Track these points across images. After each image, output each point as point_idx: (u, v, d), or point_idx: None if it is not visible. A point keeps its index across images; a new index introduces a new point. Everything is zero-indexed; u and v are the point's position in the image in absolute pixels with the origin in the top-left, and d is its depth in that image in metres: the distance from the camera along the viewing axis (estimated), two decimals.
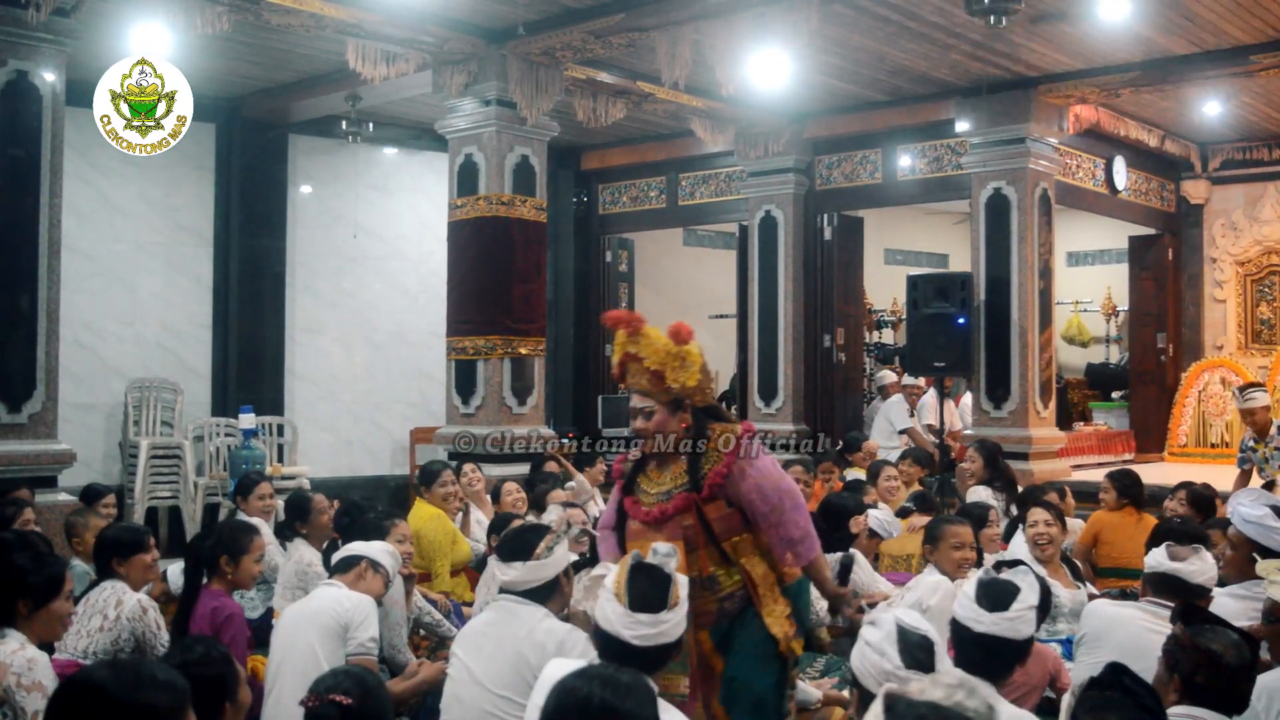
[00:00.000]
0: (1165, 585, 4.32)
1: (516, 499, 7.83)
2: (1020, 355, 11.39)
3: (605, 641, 3.29)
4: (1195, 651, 3.25)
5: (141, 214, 11.98)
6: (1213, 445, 13.23)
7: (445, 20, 9.56)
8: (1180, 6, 9.21)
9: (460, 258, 10.54)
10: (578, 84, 10.83)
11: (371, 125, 12.04)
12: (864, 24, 9.53)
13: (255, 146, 12.43)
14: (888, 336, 16.31)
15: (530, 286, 10.53)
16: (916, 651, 2.90)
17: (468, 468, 8.43)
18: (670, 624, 3.27)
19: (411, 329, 13.56)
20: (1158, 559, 4.37)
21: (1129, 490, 7.47)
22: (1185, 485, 7.43)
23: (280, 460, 12.02)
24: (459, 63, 10.08)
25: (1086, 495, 8.92)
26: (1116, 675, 2.77)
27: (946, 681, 2.25)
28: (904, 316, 12.88)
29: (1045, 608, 3.80)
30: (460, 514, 7.73)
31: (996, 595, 3.38)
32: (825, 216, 13.16)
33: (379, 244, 13.54)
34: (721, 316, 15.49)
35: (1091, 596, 6.00)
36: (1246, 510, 4.96)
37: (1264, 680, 3.66)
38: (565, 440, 12.40)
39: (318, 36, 9.50)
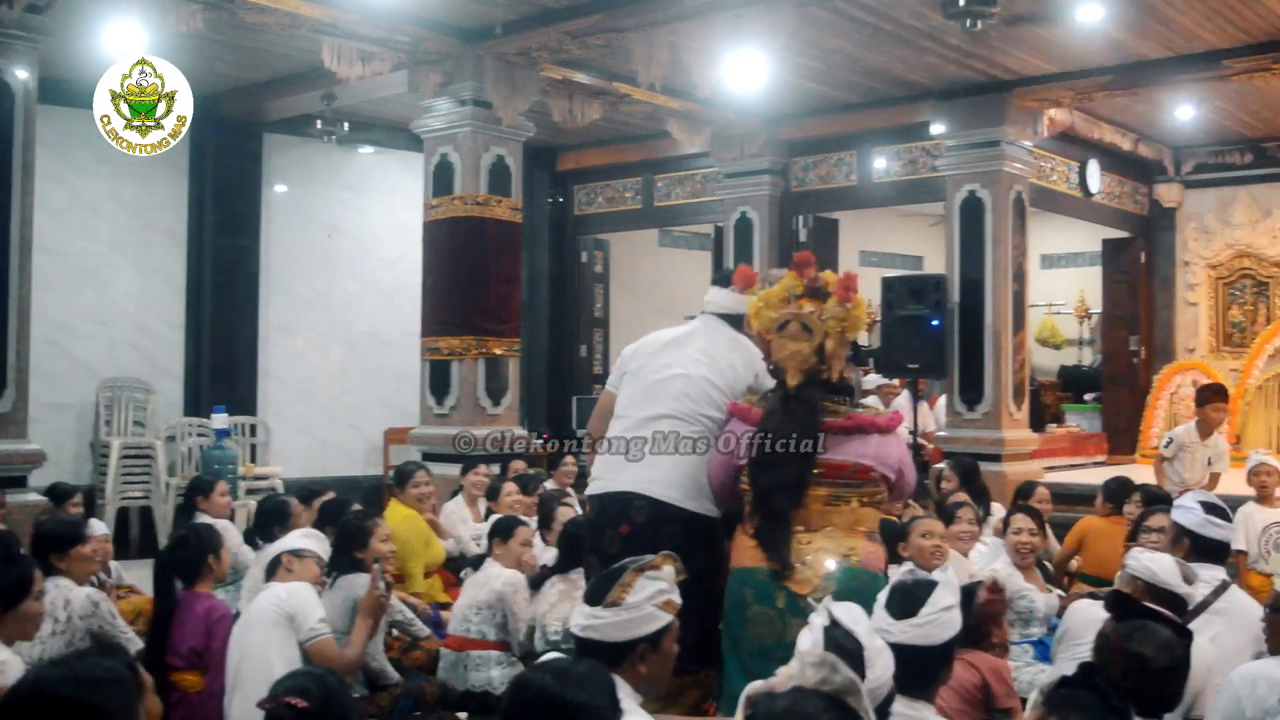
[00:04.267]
0: (1160, 598, 4.33)
1: (515, 501, 7.79)
2: (994, 357, 11.42)
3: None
4: (1124, 655, 3.18)
5: (114, 213, 11.91)
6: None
7: (421, 20, 9.53)
8: (1154, 11, 9.25)
9: (435, 258, 10.51)
10: (554, 84, 10.81)
11: (347, 125, 12.00)
12: (840, 26, 9.54)
13: (230, 145, 12.37)
14: (862, 338, 16.36)
15: (505, 287, 10.51)
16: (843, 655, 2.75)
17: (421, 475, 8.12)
18: (605, 622, 3.12)
19: (386, 329, 13.52)
20: (1170, 575, 4.32)
21: (1119, 498, 7.33)
22: (1141, 488, 7.41)
23: (253, 461, 11.98)
24: (435, 62, 10.05)
25: (1058, 497, 8.94)
26: (1088, 675, 2.73)
27: (809, 661, 2.23)
28: (878, 318, 12.91)
29: (966, 606, 3.77)
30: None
31: (906, 600, 3.20)
32: (800, 218, 13.18)
33: (354, 244, 13.50)
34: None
35: (1061, 600, 6.03)
36: (1185, 499, 5.20)
37: (1247, 669, 3.68)
38: (539, 441, 12.40)
39: (293, 35, 9.45)
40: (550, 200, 14.99)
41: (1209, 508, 5.02)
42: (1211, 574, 4.79)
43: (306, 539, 5.13)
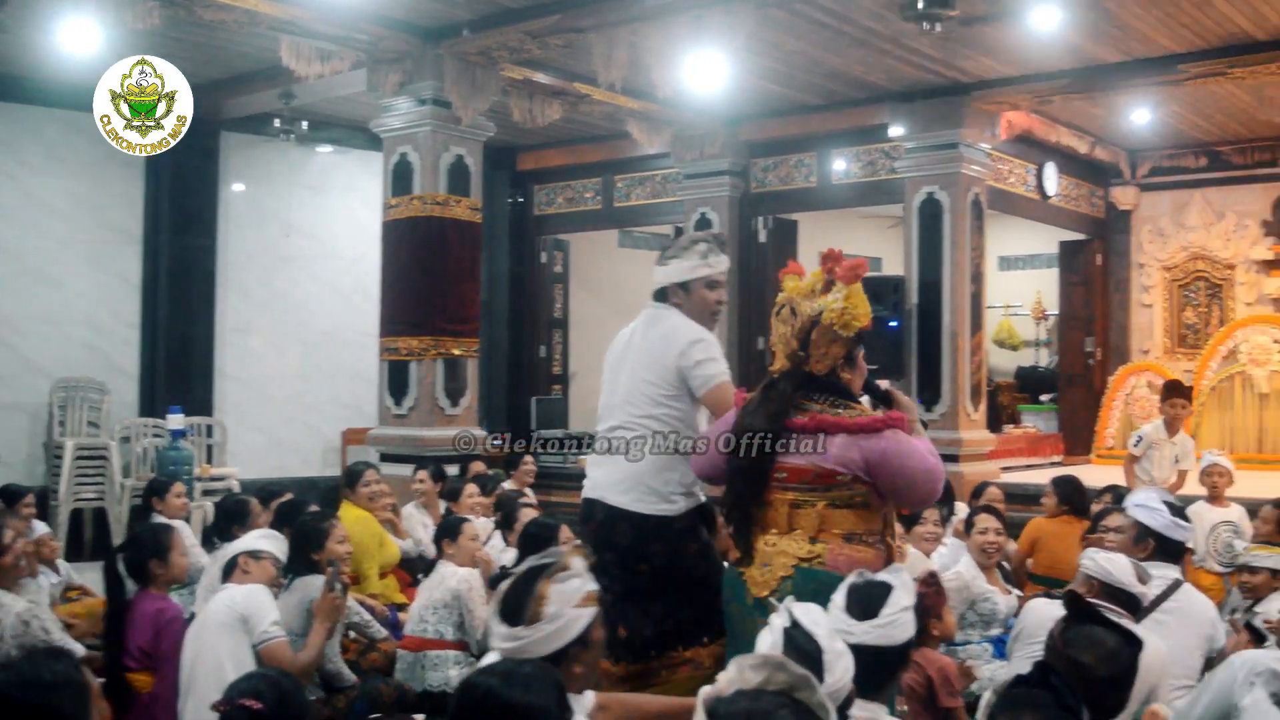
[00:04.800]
0: (1115, 597, 4.36)
1: (475, 503, 7.76)
2: (951, 358, 11.48)
3: None
4: (1067, 661, 3.17)
5: (68, 211, 11.79)
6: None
7: (380, 18, 9.48)
8: (1111, 16, 9.32)
9: (394, 258, 10.47)
10: (514, 84, 10.79)
11: (306, 123, 11.93)
12: (800, 28, 9.57)
13: (186, 143, 12.08)
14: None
15: (464, 287, 10.48)
16: (802, 657, 2.72)
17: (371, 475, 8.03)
18: (530, 640, 3.03)
19: (344, 329, 13.45)
20: (1125, 575, 4.37)
21: (1070, 498, 7.38)
22: (1111, 488, 7.50)
23: (209, 461, 11.88)
24: (394, 61, 10.01)
25: (1015, 497, 9.00)
26: (1043, 673, 2.73)
27: (747, 665, 2.23)
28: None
29: (921, 610, 3.77)
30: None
31: (865, 602, 3.18)
32: (760, 219, 13.21)
33: (312, 243, 13.42)
34: None
35: (1021, 600, 6.07)
36: (1138, 496, 5.29)
37: (1244, 657, 3.72)
38: (498, 442, 12.35)
39: (251, 33, 9.39)
40: (510, 200, 14.96)
41: (1173, 509, 5.09)
42: (1165, 572, 4.86)
43: (263, 540, 5.09)
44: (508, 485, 8.71)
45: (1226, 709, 3.71)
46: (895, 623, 3.15)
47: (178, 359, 12.24)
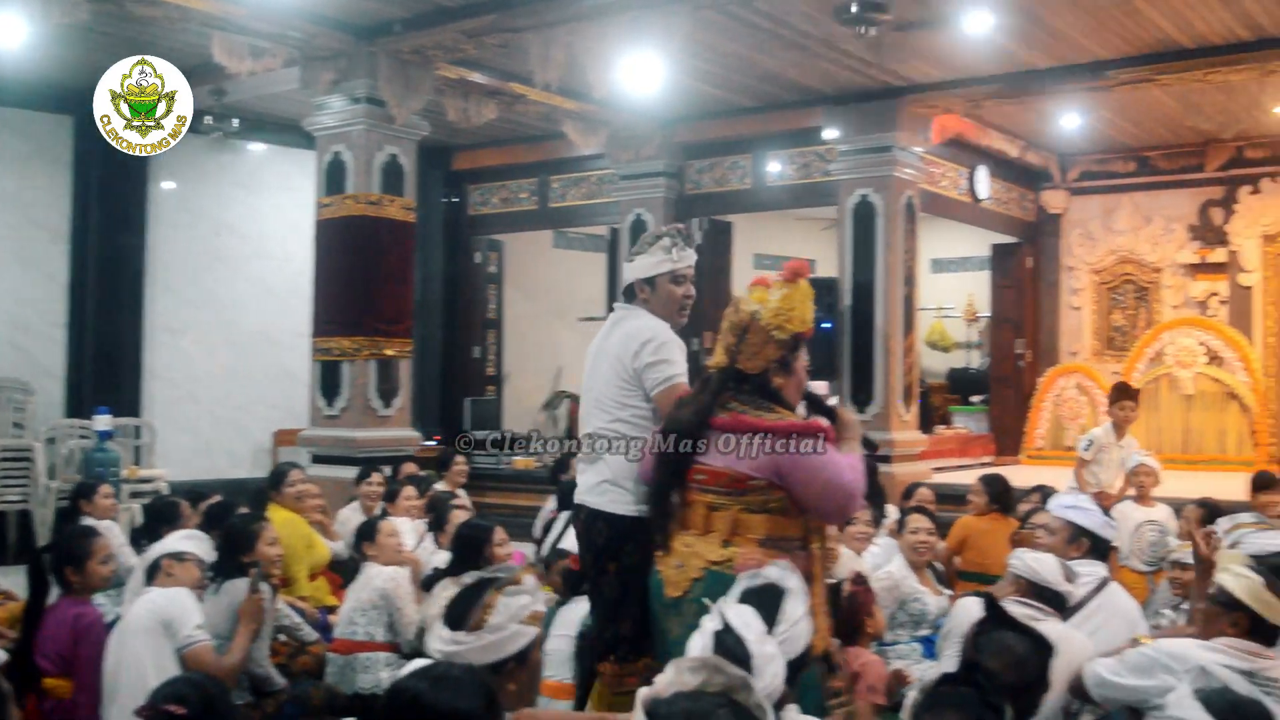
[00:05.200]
0: (1042, 596, 4.42)
1: (412, 505, 7.71)
2: (884, 359, 11.56)
3: None
4: (975, 667, 3.20)
5: None
6: (1068, 448, 13.52)
7: (314, 16, 9.40)
8: (1041, 21, 9.43)
9: (327, 257, 10.39)
10: (449, 83, 10.73)
11: (237, 121, 11.82)
12: (735, 31, 9.59)
13: None
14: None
15: (398, 287, 10.42)
16: (733, 653, 2.72)
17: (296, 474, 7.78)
18: (470, 647, 3.05)
19: (276, 329, 13.31)
20: (1052, 574, 4.43)
21: (1000, 497, 7.51)
22: (1039, 488, 7.59)
23: (137, 463, 11.71)
24: (327, 59, 9.93)
25: (946, 498, 9.08)
26: (969, 671, 2.74)
27: (686, 667, 2.23)
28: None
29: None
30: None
31: (761, 610, 3.10)
32: (695, 221, 13.22)
33: (243, 243, 13.28)
34: (591, 319, 15.46)
35: (951, 600, 6.12)
36: (1065, 499, 5.38)
37: (1170, 648, 3.81)
38: (431, 443, 12.30)
39: (182, 29, 9.27)
40: (444, 200, 14.88)
41: (1104, 510, 5.18)
42: (1093, 570, 4.93)
43: (187, 540, 5.02)
44: (440, 487, 8.65)
45: (1145, 693, 3.82)
46: (791, 638, 3.08)
47: (105, 359, 12.08)
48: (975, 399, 15.81)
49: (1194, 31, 9.60)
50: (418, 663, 2.81)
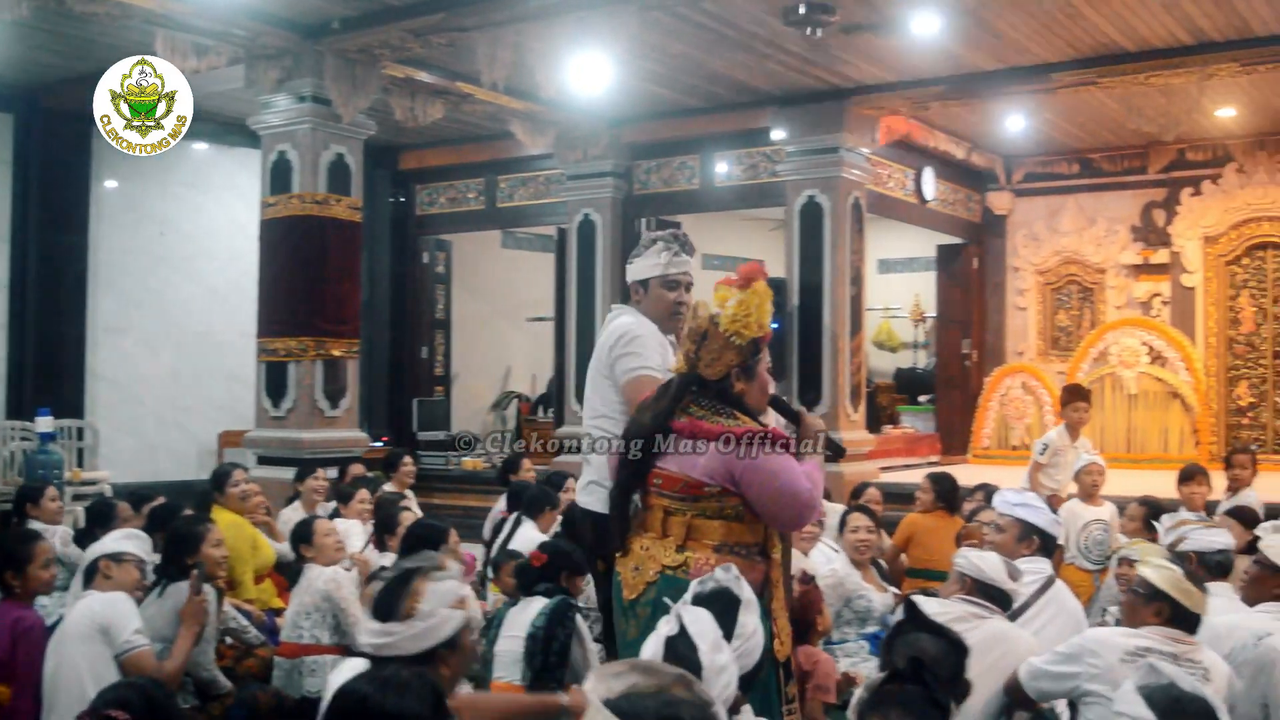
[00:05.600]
0: (987, 594, 4.46)
1: (366, 508, 7.65)
2: (832, 360, 11.62)
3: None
4: (920, 665, 3.22)
5: None
6: (1014, 447, 13.69)
7: (259, 14, 9.33)
8: (987, 24, 9.50)
9: (272, 257, 10.31)
10: (395, 82, 10.67)
11: None
12: (682, 31, 9.60)
13: (56, 139, 11.95)
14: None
15: (344, 287, 10.36)
16: (684, 661, 2.68)
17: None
18: (402, 636, 3.03)
19: (221, 330, 13.19)
20: (997, 573, 4.47)
21: (946, 495, 7.60)
22: (983, 486, 7.64)
23: (80, 465, 11.57)
24: (273, 58, 9.85)
25: (894, 497, 9.13)
26: (915, 669, 2.74)
27: (611, 672, 2.22)
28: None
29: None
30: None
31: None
32: (643, 221, 13.22)
33: (188, 242, 13.16)
34: (539, 319, 15.46)
35: (897, 598, 6.16)
36: (1013, 496, 5.39)
37: (1108, 640, 3.95)
38: (379, 443, 12.23)
39: (124, 26, 9.16)
40: (391, 200, 14.80)
41: (1050, 508, 5.25)
42: (1039, 567, 4.98)
43: (125, 540, 4.93)
44: (388, 488, 8.61)
45: (1074, 679, 3.90)
46: (747, 650, 3.03)
47: (47, 360, 11.93)
48: (922, 399, 15.91)
49: (1136, 35, 9.71)
50: (353, 663, 2.78)
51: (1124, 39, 9.81)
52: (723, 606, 3.04)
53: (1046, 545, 5.16)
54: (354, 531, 7.29)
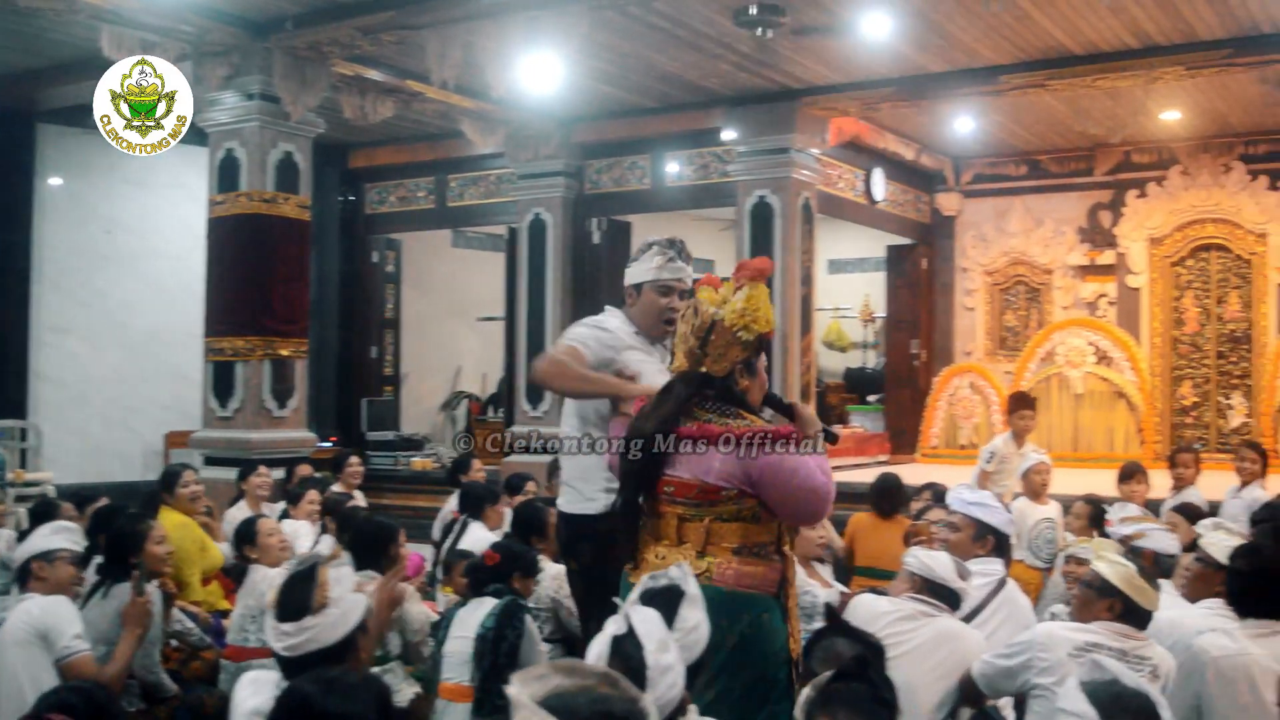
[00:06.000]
0: (936, 593, 4.49)
1: (315, 509, 7.60)
2: (782, 359, 11.65)
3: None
4: (866, 663, 3.23)
5: None
6: (962, 447, 13.78)
7: (206, 10, 9.24)
8: (936, 26, 9.56)
9: (220, 256, 10.22)
10: (345, 80, 10.61)
11: None
12: (634, 31, 9.60)
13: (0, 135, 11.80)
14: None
15: (292, 286, 10.28)
16: (627, 667, 2.65)
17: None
18: (321, 626, 3.09)
19: (167, 329, 13.05)
20: (946, 572, 4.51)
21: (892, 494, 7.58)
22: (931, 485, 7.68)
23: (23, 466, 11.43)
24: (220, 55, 9.76)
25: (842, 496, 9.12)
26: (861, 667, 2.74)
27: (534, 675, 2.22)
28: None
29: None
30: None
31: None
32: (594, 220, 13.22)
33: (135, 240, 13.01)
34: (490, 319, 15.41)
35: (845, 595, 6.18)
36: (968, 495, 5.40)
37: (1056, 634, 4.00)
38: (328, 444, 12.15)
39: (70, 21, 9.07)
40: (340, 198, 14.71)
41: (1006, 508, 5.30)
42: (992, 568, 5.01)
43: (54, 536, 4.80)
44: (336, 488, 8.55)
45: (1024, 672, 3.93)
46: (687, 645, 2.96)
47: None
48: (871, 398, 15.99)
49: (1084, 39, 9.80)
50: (253, 676, 2.76)
51: (1071, 42, 9.90)
52: (669, 601, 3.03)
53: (1001, 545, 5.19)
54: (303, 532, 7.24)
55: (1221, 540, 4.70)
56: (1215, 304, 13.73)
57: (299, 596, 3.12)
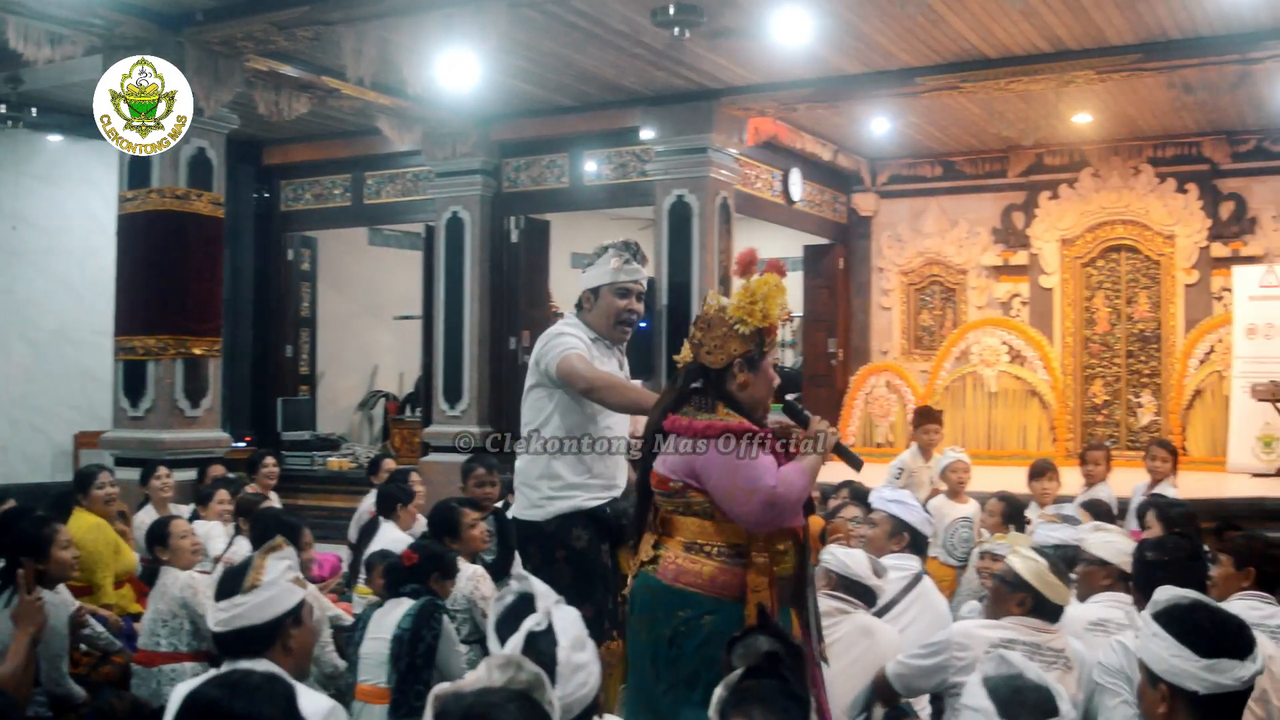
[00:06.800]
0: (852, 590, 4.52)
1: (225, 510, 7.48)
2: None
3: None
4: (777, 659, 3.24)
5: None
6: (879, 445, 13.92)
7: (117, 3, 9.08)
8: (853, 28, 9.63)
9: (130, 253, 10.04)
10: (259, 76, 10.47)
11: (35, 110, 11.34)
12: (552, 29, 9.57)
13: None
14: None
15: (205, 284, 10.12)
16: (541, 657, 2.62)
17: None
18: (249, 606, 3.18)
19: (76, 328, 12.82)
20: (862, 569, 4.55)
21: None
22: (847, 484, 7.72)
23: None
24: (132, 48, 9.55)
25: None
26: (773, 663, 2.74)
27: (494, 664, 2.22)
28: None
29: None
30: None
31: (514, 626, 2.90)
32: (512, 219, 13.17)
33: (42, 237, 12.76)
34: (407, 317, 15.30)
35: None
36: (887, 493, 5.60)
37: (967, 630, 4.08)
38: (242, 444, 12.00)
39: None
40: (255, 195, 14.51)
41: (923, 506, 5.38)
42: (907, 564, 5.07)
43: None
44: (250, 489, 8.44)
45: (940, 671, 3.99)
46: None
47: None
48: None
49: (997, 42, 9.93)
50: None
51: (985, 45, 10.02)
52: (525, 606, 2.95)
53: (916, 542, 5.27)
54: (215, 534, 7.15)
55: (1104, 539, 4.81)
56: (1125, 304, 13.98)
57: (235, 577, 3.24)
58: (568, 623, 2.75)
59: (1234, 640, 2.83)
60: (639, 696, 3.75)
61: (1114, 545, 4.66)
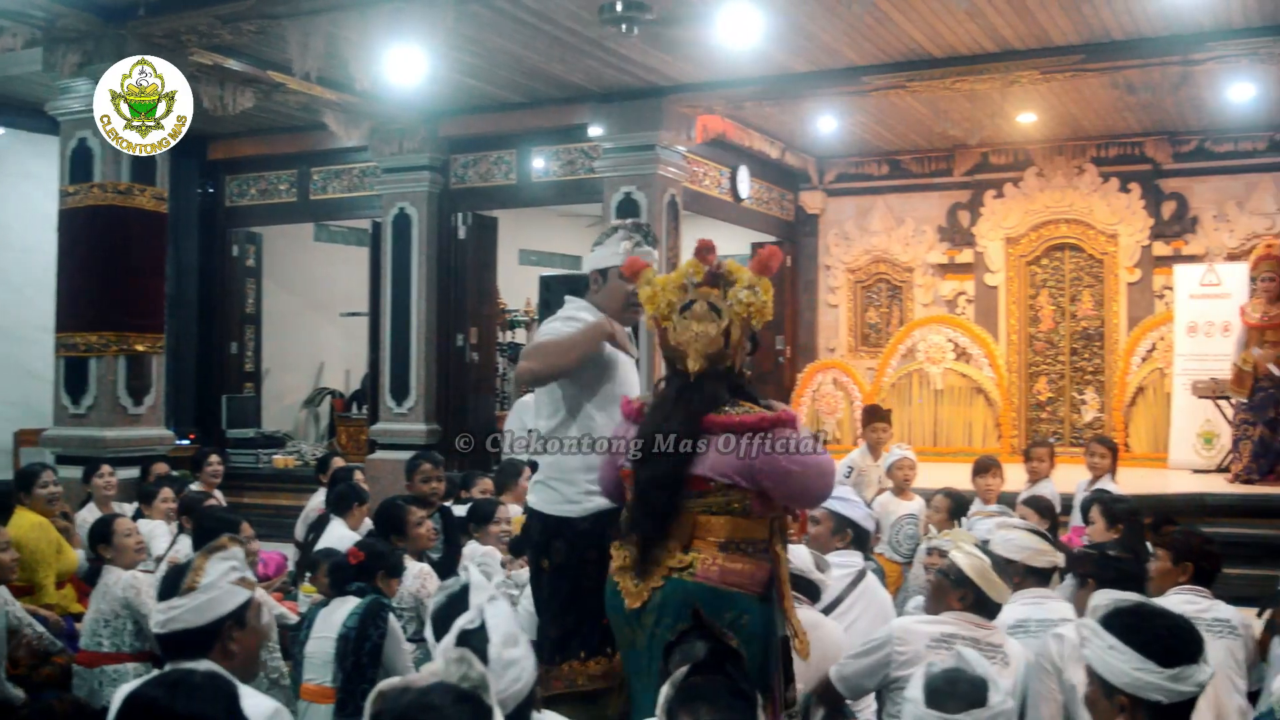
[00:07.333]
0: (795, 585, 4.55)
1: (170, 508, 7.40)
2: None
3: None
4: (724, 655, 3.24)
5: None
6: (825, 442, 13.93)
7: None
8: (800, 27, 9.67)
9: (72, 249, 9.92)
10: (203, 70, 10.35)
11: None
12: (500, 25, 9.54)
13: None
14: (520, 336, 16.39)
15: (148, 281, 10.02)
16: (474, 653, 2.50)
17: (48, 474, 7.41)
18: (186, 608, 3.16)
19: (16, 324, 12.65)
20: (805, 564, 4.58)
21: None
22: None
23: None
24: (73, 41, 9.47)
25: None
26: (718, 660, 2.73)
27: (451, 657, 2.21)
28: (537, 317, 12.98)
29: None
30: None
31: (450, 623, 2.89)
32: (460, 216, 13.13)
33: None
34: (353, 314, 15.21)
35: None
36: (852, 498, 5.54)
37: (911, 628, 4.09)
38: (186, 441, 11.89)
39: None
40: (199, 191, 14.36)
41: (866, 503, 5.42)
42: (850, 560, 5.10)
43: None
44: (195, 487, 8.37)
45: (881, 667, 4.02)
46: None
47: None
48: None
49: (943, 42, 10.00)
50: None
51: (931, 45, 10.09)
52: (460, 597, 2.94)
53: (860, 539, 5.30)
54: (158, 532, 7.08)
55: (1006, 537, 4.82)
56: (1069, 302, 14.12)
57: (175, 579, 3.21)
58: (500, 619, 2.74)
59: (1189, 645, 2.83)
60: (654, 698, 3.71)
61: (1015, 542, 4.64)
